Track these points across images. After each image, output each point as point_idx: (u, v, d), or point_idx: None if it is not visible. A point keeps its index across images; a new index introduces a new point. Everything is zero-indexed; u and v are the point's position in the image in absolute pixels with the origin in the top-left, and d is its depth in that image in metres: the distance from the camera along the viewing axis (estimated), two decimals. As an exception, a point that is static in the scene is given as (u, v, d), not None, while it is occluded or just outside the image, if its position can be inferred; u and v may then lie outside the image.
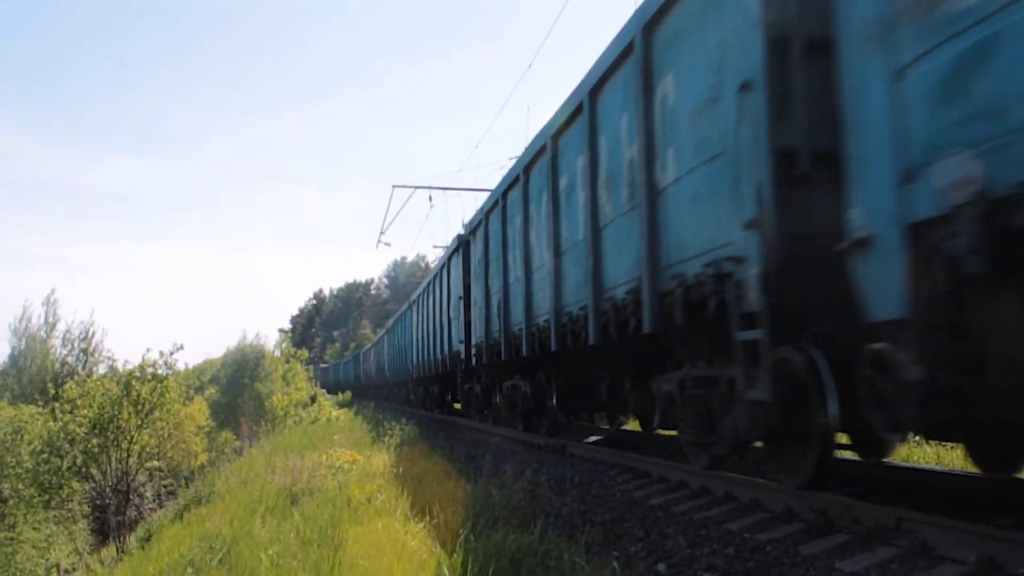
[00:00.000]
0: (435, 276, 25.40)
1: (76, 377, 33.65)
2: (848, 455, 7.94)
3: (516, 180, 13.80)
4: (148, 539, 17.01)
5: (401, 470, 10.64)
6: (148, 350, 28.62)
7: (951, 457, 9.49)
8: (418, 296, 29.90)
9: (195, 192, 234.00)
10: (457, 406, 25.54)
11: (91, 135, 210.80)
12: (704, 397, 7.50)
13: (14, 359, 48.37)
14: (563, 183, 11.30)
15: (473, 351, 18.16)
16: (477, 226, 17.55)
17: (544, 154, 12.00)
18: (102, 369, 38.26)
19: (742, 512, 6.40)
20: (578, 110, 10.45)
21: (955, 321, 4.49)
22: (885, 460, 7.77)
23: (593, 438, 13.64)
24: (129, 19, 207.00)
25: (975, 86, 4.09)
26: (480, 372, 18.78)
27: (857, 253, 4.98)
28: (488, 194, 15.82)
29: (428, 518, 7.06)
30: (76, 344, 48.13)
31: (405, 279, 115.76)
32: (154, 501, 28.56)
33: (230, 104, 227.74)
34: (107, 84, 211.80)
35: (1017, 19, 3.81)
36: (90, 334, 48.20)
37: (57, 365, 46.27)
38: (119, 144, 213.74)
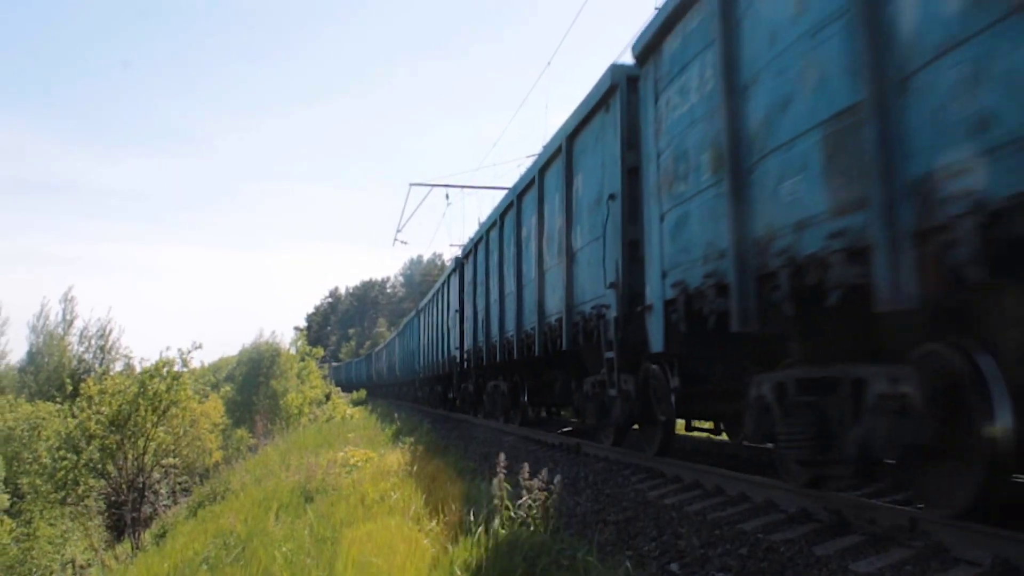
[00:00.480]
0: (438, 290, 29.09)
1: (93, 374, 33.82)
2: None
3: (494, 223, 17.56)
4: (163, 536, 17.10)
5: (415, 468, 10.65)
6: (167, 348, 28.81)
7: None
8: (424, 305, 34.01)
9: (209, 190, 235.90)
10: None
11: (105, 134, 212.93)
12: (600, 394, 10.71)
13: (32, 356, 48.70)
14: (524, 233, 14.97)
15: (465, 356, 22.10)
16: (470, 252, 21.54)
17: (512, 208, 15.75)
18: (119, 366, 38.48)
19: (756, 512, 6.38)
20: (532, 182, 14.11)
21: (688, 353, 8.20)
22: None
23: (564, 429, 15.67)
24: (141, 19, 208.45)
25: (681, 233, 7.44)
26: (471, 374, 22.33)
27: (647, 313, 8.32)
28: (504, 194, 17.78)
29: (441, 515, 7.07)
30: (93, 341, 48.41)
31: (421, 278, 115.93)
32: (169, 498, 28.69)
33: (243, 102, 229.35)
34: (120, 84, 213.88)
35: (696, 204, 7.08)
36: (107, 332, 48.47)
37: (74, 362, 46.51)
38: (133, 143, 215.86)
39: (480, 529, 5.95)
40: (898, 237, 4.34)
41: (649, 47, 8.16)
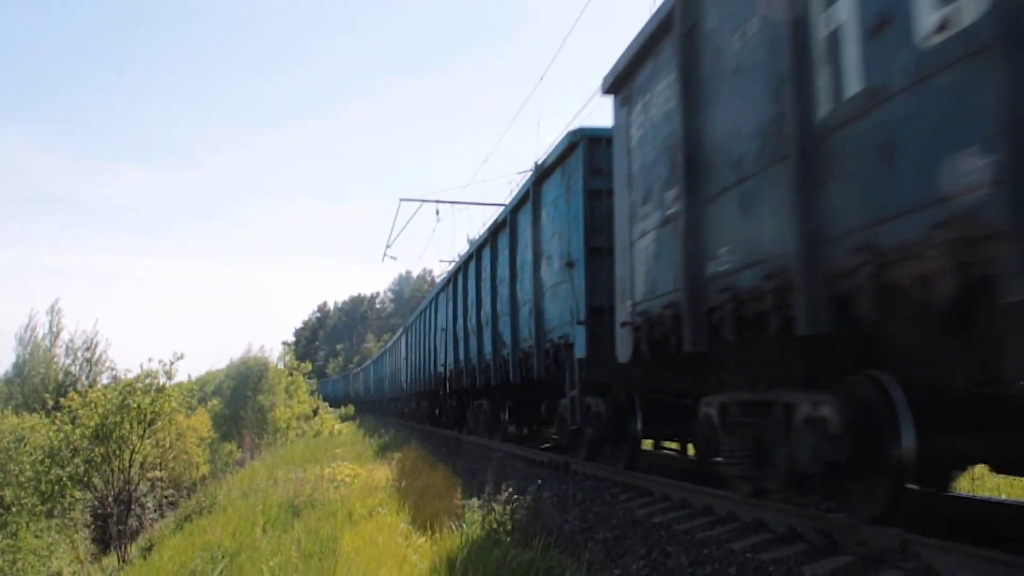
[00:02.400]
0: (425, 308, 29.51)
1: (79, 386, 33.65)
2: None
3: (471, 257, 19.12)
4: (150, 549, 17.01)
5: (403, 484, 10.62)
6: (149, 359, 28.66)
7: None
8: (412, 322, 34.37)
9: (201, 204, 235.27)
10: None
11: (98, 146, 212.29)
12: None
13: (19, 368, 48.44)
14: (498, 268, 16.28)
15: (449, 375, 22.41)
16: (448, 281, 23.01)
17: (487, 245, 17.22)
18: (106, 379, 38.29)
19: (745, 532, 6.37)
20: (504, 222, 15.48)
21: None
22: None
23: (545, 446, 16.06)
24: (137, 32, 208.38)
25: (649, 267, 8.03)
26: (456, 392, 22.64)
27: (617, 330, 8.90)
28: (495, 211, 20.04)
29: (430, 532, 7.05)
30: (80, 354, 48.17)
31: (410, 293, 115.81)
32: (156, 511, 28.53)
33: (237, 117, 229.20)
34: (114, 96, 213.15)
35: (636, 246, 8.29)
36: (94, 344, 48.24)
37: (61, 375, 46.27)
38: (126, 155, 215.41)
39: (469, 545, 5.94)
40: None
41: (620, 80, 8.94)
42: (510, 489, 8.66)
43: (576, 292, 10.95)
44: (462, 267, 20.40)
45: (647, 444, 12.19)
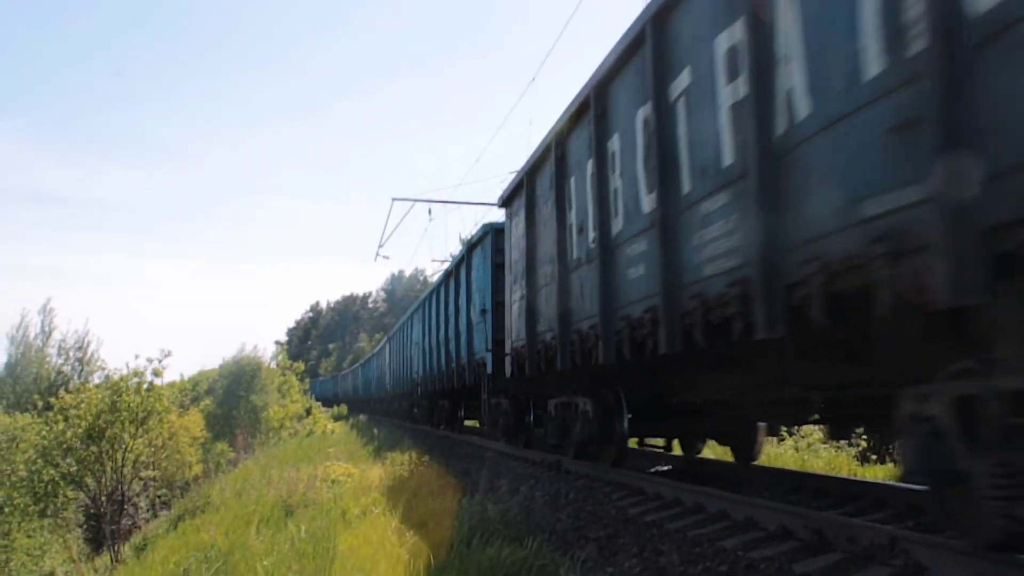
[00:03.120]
0: (405, 322, 33.67)
1: (71, 386, 33.61)
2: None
3: (435, 290, 24.43)
4: (143, 548, 16.99)
5: (397, 483, 10.64)
6: (136, 356, 28.53)
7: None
8: (394, 333, 39.34)
9: (193, 204, 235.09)
10: (470, 423, 26.17)
11: (90, 145, 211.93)
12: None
13: (11, 368, 48.37)
14: (449, 304, 21.68)
15: (422, 380, 27.39)
16: (426, 298, 26.60)
17: (443, 285, 22.85)
18: (98, 379, 38.22)
19: (736, 529, 6.41)
20: (452, 272, 21.49)
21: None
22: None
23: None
24: (129, 31, 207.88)
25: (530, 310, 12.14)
26: (427, 394, 27.26)
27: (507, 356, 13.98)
28: (486, 210, 23.97)
29: (424, 532, 7.07)
30: (72, 353, 48.12)
31: (403, 293, 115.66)
32: (149, 511, 28.49)
33: (229, 116, 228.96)
34: (107, 95, 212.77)
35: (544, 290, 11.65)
36: (86, 344, 48.19)
37: (53, 374, 46.21)
38: (118, 155, 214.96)
39: (463, 544, 5.97)
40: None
41: (505, 202, 14.02)
42: (503, 488, 8.69)
43: (487, 330, 16.50)
44: (429, 296, 25.79)
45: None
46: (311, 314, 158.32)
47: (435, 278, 28.80)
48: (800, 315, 5.01)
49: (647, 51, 7.35)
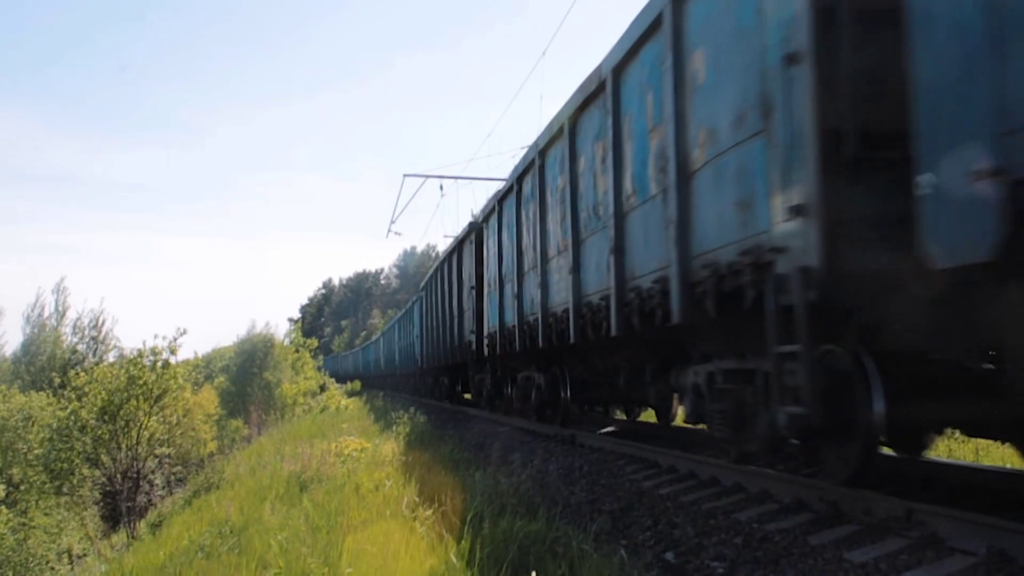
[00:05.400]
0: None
1: (86, 364, 33.74)
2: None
3: (440, 265, 26.02)
4: (159, 525, 17.11)
5: (410, 458, 10.65)
6: (155, 336, 28.64)
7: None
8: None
9: (205, 181, 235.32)
10: (467, 396, 26.02)
11: (102, 125, 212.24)
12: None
13: (26, 346, 48.56)
14: (452, 283, 22.59)
15: (424, 359, 29.74)
16: (437, 268, 27.54)
17: (447, 260, 24.09)
18: (112, 357, 38.38)
19: (751, 502, 6.39)
20: (452, 252, 22.86)
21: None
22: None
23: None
24: (140, 8, 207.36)
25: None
26: (431, 369, 28.91)
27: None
28: (497, 185, 21.29)
29: (437, 505, 7.06)
30: (87, 332, 48.23)
31: (415, 269, 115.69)
32: (164, 488, 28.66)
33: (240, 93, 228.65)
34: (117, 74, 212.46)
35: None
36: (100, 322, 48.29)
37: (68, 353, 46.35)
38: (130, 134, 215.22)
39: (476, 517, 5.95)
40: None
41: (485, 217, 17.06)
42: (516, 461, 8.69)
43: (473, 315, 18.51)
44: (428, 282, 28.89)
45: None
46: (324, 291, 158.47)
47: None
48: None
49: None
